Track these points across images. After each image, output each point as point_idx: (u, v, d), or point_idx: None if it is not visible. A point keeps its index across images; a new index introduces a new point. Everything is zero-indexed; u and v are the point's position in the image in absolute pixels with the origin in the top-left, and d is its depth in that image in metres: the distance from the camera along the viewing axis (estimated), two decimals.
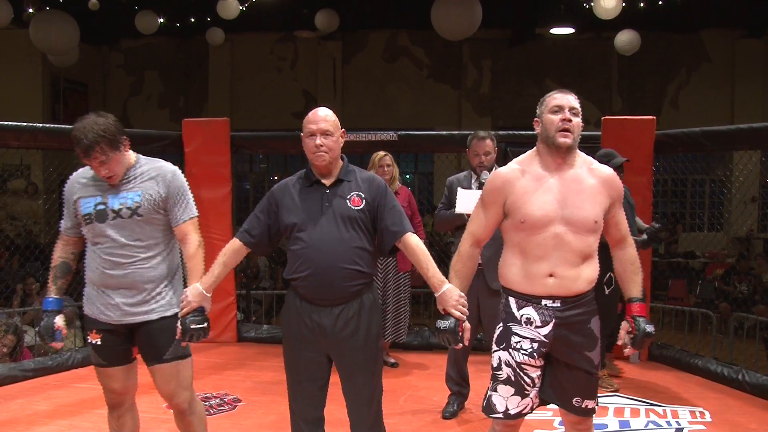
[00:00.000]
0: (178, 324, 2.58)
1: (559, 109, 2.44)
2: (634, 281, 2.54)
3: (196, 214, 2.78)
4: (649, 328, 2.46)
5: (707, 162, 11.85)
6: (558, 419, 3.83)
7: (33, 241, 10.43)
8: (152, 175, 2.72)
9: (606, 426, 3.88)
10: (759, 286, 8.81)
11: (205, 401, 4.17)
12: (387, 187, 2.72)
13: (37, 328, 2.67)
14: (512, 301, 2.49)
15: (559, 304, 2.42)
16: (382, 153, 4.93)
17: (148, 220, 2.68)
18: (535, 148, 2.54)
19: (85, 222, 2.68)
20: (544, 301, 2.43)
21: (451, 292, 2.47)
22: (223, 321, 5.68)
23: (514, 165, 2.54)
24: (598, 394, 2.59)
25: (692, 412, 4.09)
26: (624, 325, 2.50)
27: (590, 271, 2.45)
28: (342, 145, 2.68)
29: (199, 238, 2.75)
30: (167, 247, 2.76)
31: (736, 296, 8.37)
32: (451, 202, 3.95)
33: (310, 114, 2.67)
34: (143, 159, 2.78)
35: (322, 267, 2.55)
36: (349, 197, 2.63)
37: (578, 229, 2.41)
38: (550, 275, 2.41)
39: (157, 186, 2.70)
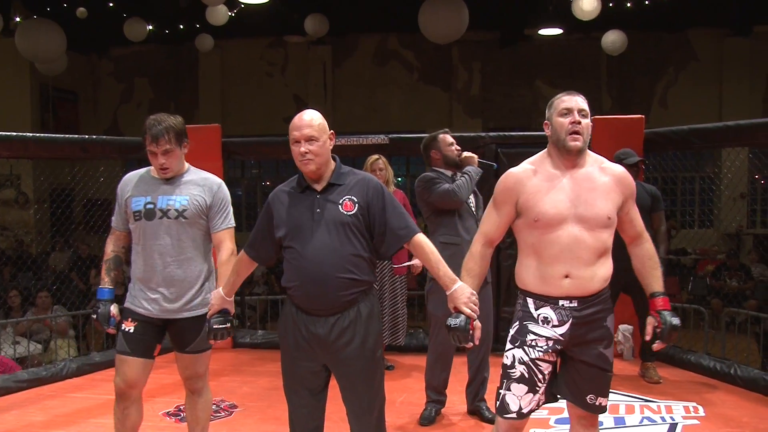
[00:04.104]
0: (206, 325, 2.80)
1: (568, 111, 2.45)
2: (654, 276, 2.53)
3: (233, 224, 3.04)
4: (675, 321, 2.46)
5: (696, 160, 11.92)
6: (554, 417, 3.85)
7: (24, 252, 10.40)
8: (200, 183, 2.99)
9: (601, 423, 3.88)
10: (750, 281, 8.87)
11: None
12: (383, 187, 2.63)
13: (94, 315, 2.96)
14: (530, 301, 2.49)
15: (576, 304, 2.43)
16: (375, 156, 4.96)
17: (191, 223, 2.93)
18: (546, 150, 2.54)
19: (135, 219, 2.94)
20: (561, 302, 2.43)
21: (462, 290, 2.46)
22: None
23: (526, 165, 2.54)
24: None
25: (686, 407, 4.12)
26: (650, 321, 2.49)
27: (605, 269, 2.46)
28: (331, 147, 2.61)
29: (233, 246, 2.99)
30: (205, 252, 3.02)
31: (727, 292, 8.43)
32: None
33: (295, 119, 2.58)
34: (194, 169, 3.06)
35: (314, 277, 2.50)
36: (341, 202, 2.54)
37: (592, 227, 2.41)
38: (566, 276, 2.41)
39: (203, 194, 2.96)
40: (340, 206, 2.54)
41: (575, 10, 8.37)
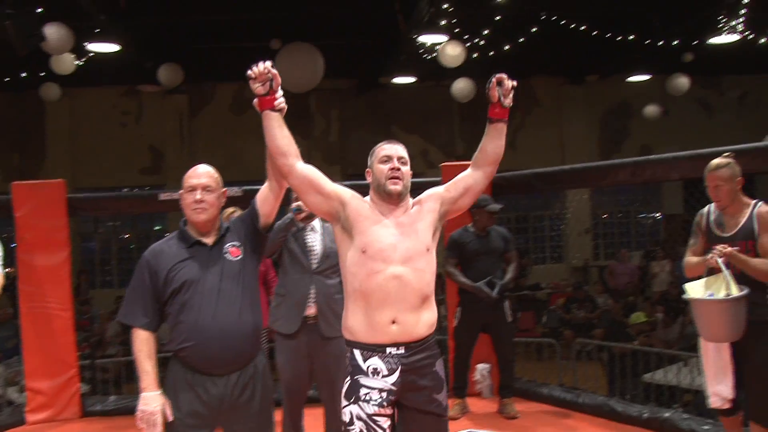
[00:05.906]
0: None
1: (388, 159, 2.58)
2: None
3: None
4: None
5: (545, 199, 12.78)
6: None
7: None
8: None
9: None
10: (596, 310, 9.51)
11: None
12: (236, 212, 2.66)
13: None
14: (357, 353, 2.50)
15: (403, 351, 2.47)
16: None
17: None
18: (369, 197, 2.62)
19: None
20: (388, 350, 2.46)
21: None
22: (65, 396, 5.19)
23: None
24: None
25: None
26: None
27: (429, 314, 2.53)
28: (223, 204, 2.64)
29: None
30: None
31: (576, 323, 8.97)
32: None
33: (191, 170, 2.62)
34: None
35: (216, 333, 2.43)
36: (227, 251, 2.56)
37: (416, 267, 2.48)
38: (393, 322, 2.45)
39: None
40: (229, 255, 2.55)
41: (442, 56, 8.64)
